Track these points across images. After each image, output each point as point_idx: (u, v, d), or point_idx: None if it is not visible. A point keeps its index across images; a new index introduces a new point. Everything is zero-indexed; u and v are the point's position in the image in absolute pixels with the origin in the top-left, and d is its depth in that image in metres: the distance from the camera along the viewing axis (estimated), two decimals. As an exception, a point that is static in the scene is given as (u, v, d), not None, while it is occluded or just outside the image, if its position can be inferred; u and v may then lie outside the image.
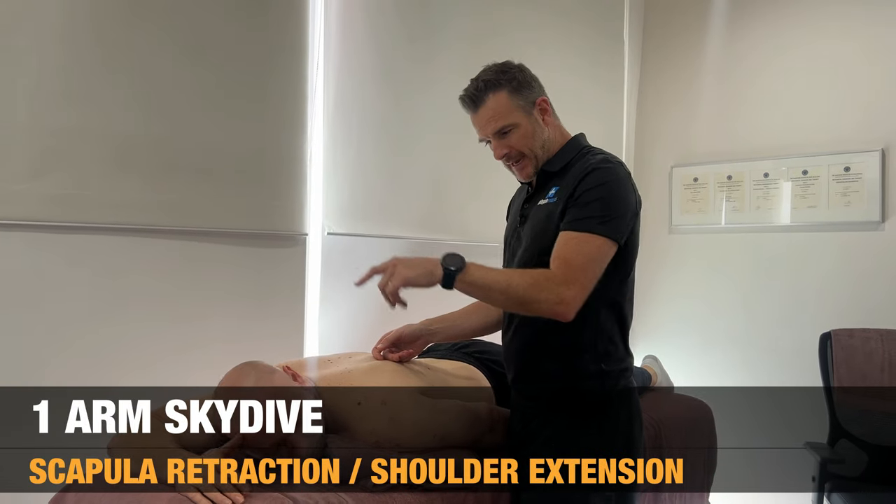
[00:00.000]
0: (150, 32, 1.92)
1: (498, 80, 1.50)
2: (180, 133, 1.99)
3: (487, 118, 1.51)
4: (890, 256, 2.80)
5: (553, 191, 1.51)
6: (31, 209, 1.74)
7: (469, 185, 2.76)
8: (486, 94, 1.50)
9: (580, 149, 1.56)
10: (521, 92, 1.51)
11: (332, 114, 2.36)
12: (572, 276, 1.36)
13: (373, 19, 2.46)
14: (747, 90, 3.21)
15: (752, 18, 3.20)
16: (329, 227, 2.35)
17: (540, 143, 1.53)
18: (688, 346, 3.35)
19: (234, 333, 2.11)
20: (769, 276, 3.12)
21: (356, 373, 1.59)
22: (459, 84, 1.57)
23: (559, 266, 1.38)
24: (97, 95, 1.84)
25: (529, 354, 1.56)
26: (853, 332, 2.56)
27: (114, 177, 1.87)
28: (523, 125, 1.51)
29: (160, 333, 1.97)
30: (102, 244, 1.88)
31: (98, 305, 1.88)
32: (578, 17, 3.16)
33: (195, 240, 2.05)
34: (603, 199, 1.41)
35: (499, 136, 1.52)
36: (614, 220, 1.41)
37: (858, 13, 2.88)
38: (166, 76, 1.96)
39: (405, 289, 1.34)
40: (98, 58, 1.84)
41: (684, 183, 3.38)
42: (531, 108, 1.52)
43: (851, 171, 2.89)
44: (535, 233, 1.52)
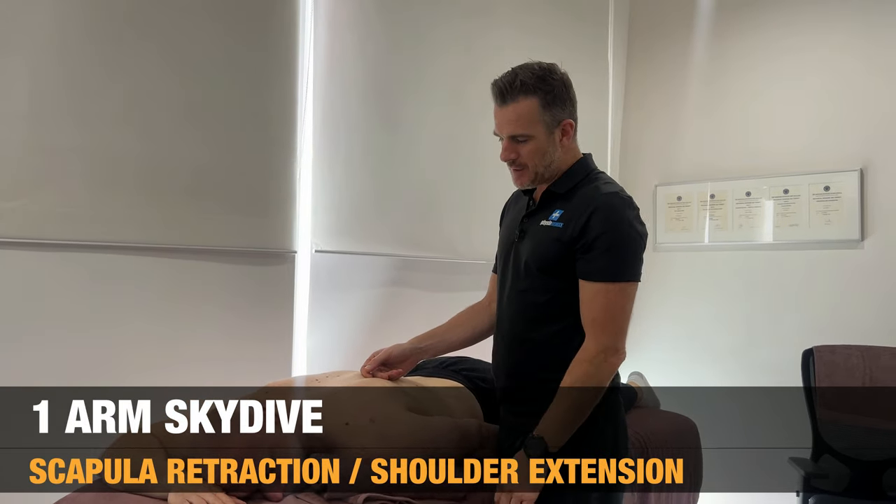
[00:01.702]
0: (140, 52, 1.94)
1: (535, 87, 1.46)
2: (169, 151, 2.00)
3: (509, 119, 1.48)
4: (869, 274, 2.85)
5: (557, 213, 1.51)
6: (22, 227, 1.74)
7: (457, 202, 2.78)
8: (517, 94, 1.46)
9: (587, 173, 1.55)
10: (552, 108, 1.48)
11: (320, 131, 2.37)
12: (600, 332, 1.44)
13: (361, 37, 2.49)
14: (729, 111, 3.27)
15: (734, 42, 3.27)
16: (317, 244, 2.36)
17: (547, 161, 1.52)
18: (673, 362, 3.37)
19: (222, 351, 2.11)
20: (753, 294, 3.16)
21: (343, 392, 1.58)
22: (447, 102, 1.58)
23: (588, 329, 1.46)
24: (88, 114, 1.85)
25: (518, 373, 1.58)
26: (835, 349, 2.60)
27: (104, 195, 1.88)
28: (539, 140, 1.49)
29: (149, 351, 1.97)
30: (92, 262, 1.88)
31: (86, 324, 1.87)
32: (563, 38, 3.21)
33: (184, 257, 2.05)
34: (619, 244, 1.44)
35: (512, 140, 1.50)
36: (633, 262, 1.46)
37: (838, 39, 2.96)
38: (156, 94, 1.97)
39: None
40: (88, 77, 1.85)
41: (668, 201, 3.43)
42: (554, 127, 1.50)
43: (831, 191, 2.95)
44: (536, 253, 1.52)
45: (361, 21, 2.49)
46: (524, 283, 1.56)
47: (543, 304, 1.52)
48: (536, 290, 1.54)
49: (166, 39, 1.99)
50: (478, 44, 2.83)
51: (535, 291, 1.54)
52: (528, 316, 1.56)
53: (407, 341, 1.79)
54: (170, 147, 2.00)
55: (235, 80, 2.14)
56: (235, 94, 2.14)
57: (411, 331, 1.82)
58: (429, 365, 1.98)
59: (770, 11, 3.15)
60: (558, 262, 1.48)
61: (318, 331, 2.37)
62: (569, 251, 1.47)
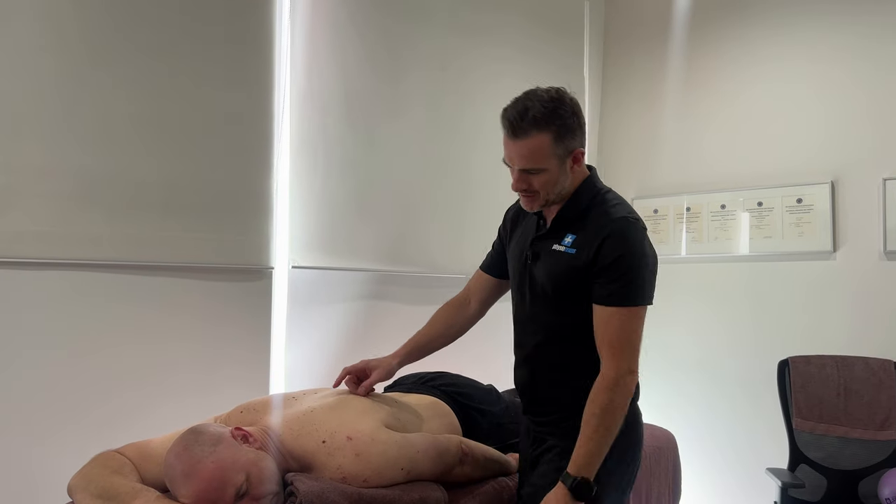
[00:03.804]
0: (113, 70, 1.93)
1: (547, 121, 1.44)
2: (144, 168, 1.99)
3: (522, 154, 1.47)
4: (841, 285, 2.89)
5: (569, 238, 1.53)
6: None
7: (434, 216, 2.79)
8: (530, 130, 1.45)
9: (594, 193, 1.57)
10: (564, 140, 1.47)
11: (297, 147, 2.37)
12: (617, 356, 1.47)
13: (337, 53, 2.50)
14: (704, 125, 3.32)
15: (708, 57, 3.32)
16: (294, 260, 2.35)
17: (559, 189, 1.53)
18: (650, 374, 3.38)
19: (199, 368, 2.09)
20: (729, 305, 3.19)
21: (319, 411, 1.57)
22: (424, 116, 1.57)
23: (604, 353, 1.48)
24: (60, 133, 1.84)
25: (538, 387, 1.61)
26: (810, 359, 2.63)
27: (77, 213, 1.86)
28: (552, 172, 1.49)
29: (124, 367, 1.94)
30: (66, 280, 1.86)
31: (61, 341, 1.85)
32: (539, 53, 3.24)
33: (160, 274, 2.03)
34: (631, 268, 1.46)
35: (525, 173, 1.49)
36: (643, 285, 1.48)
37: (810, 54, 3.02)
38: (130, 112, 1.96)
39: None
40: (61, 95, 1.84)
41: (645, 214, 3.45)
42: (566, 157, 1.49)
43: (804, 203, 3.00)
44: (552, 277, 1.54)
45: (338, 37, 2.50)
46: (540, 304, 1.58)
47: (560, 324, 1.55)
48: (552, 311, 1.57)
49: (140, 58, 1.98)
50: (454, 58, 2.85)
51: (551, 312, 1.57)
52: (547, 335, 1.59)
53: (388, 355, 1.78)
54: (144, 164, 1.99)
55: (211, 96, 2.13)
56: (211, 109, 2.13)
57: (391, 345, 1.81)
58: (407, 381, 1.97)
59: (743, 26, 3.21)
60: (573, 286, 1.51)
61: (296, 347, 2.36)
62: (583, 276, 1.49)
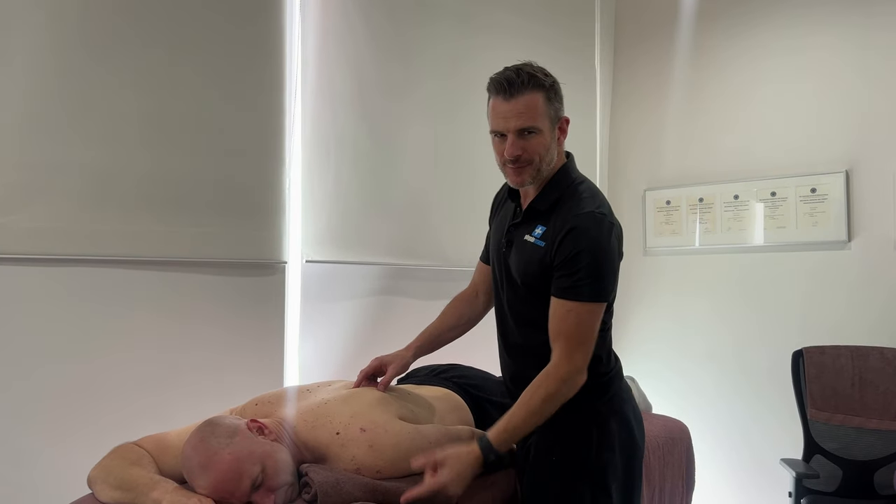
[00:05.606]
0: (126, 66, 1.95)
1: (540, 81, 1.45)
2: (159, 164, 2.01)
3: (519, 111, 1.45)
4: (856, 275, 2.87)
5: (539, 230, 1.53)
6: (14, 242, 1.76)
7: (446, 210, 2.80)
8: (526, 88, 1.44)
9: (569, 183, 1.56)
10: (554, 103, 1.49)
11: (309, 142, 2.39)
12: (573, 351, 1.46)
13: (349, 48, 2.51)
14: (716, 115, 3.30)
15: (720, 47, 3.30)
16: (307, 254, 2.37)
17: (549, 157, 1.52)
18: (664, 366, 3.39)
19: (214, 362, 2.12)
20: (742, 296, 3.18)
21: (333, 403, 1.58)
22: (435, 111, 1.57)
23: (559, 346, 1.47)
24: (78, 129, 1.86)
25: (519, 377, 1.60)
26: (824, 350, 2.61)
27: (94, 209, 1.88)
28: (546, 134, 1.48)
29: (139, 363, 1.97)
30: (83, 275, 1.88)
31: (76, 336, 1.87)
32: (551, 43, 3.23)
33: (174, 270, 2.05)
34: (590, 264, 1.44)
35: (520, 135, 1.47)
36: (602, 282, 1.47)
37: (822, 42, 2.98)
38: (145, 108, 1.98)
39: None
40: (78, 92, 1.86)
41: (657, 206, 3.45)
42: (555, 122, 1.51)
43: (818, 192, 2.98)
44: (521, 269, 1.55)
45: (349, 32, 2.51)
46: (513, 293, 1.60)
47: (532, 314, 1.55)
48: (524, 302, 1.58)
49: (155, 54, 2.00)
50: (465, 53, 2.85)
51: (522, 303, 1.58)
52: (521, 324, 1.60)
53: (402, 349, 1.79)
54: (157, 161, 2.01)
55: (225, 93, 2.15)
56: (225, 106, 2.15)
57: (403, 339, 1.82)
58: (420, 373, 1.98)
59: (755, 16, 3.18)
60: (541, 279, 1.51)
61: (309, 340, 2.38)
62: (549, 269, 1.49)
